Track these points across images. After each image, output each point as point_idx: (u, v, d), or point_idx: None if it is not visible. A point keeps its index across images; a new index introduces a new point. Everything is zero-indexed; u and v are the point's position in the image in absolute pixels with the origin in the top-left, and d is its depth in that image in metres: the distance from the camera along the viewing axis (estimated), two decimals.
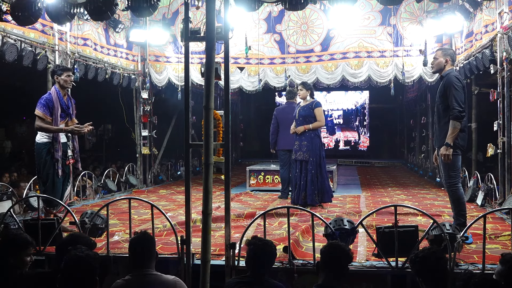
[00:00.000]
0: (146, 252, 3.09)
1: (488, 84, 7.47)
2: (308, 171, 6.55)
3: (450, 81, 4.51)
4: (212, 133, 3.72)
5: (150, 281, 3.00)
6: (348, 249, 3.06)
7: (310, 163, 6.54)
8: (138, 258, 3.08)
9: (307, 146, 6.60)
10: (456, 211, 4.64)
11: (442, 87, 4.60)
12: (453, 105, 4.44)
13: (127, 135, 10.10)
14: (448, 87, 4.51)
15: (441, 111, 4.64)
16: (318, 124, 6.66)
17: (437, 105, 4.71)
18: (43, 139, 5.24)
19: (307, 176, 6.55)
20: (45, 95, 5.26)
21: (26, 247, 3.14)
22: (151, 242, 3.19)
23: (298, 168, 6.68)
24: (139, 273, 3.03)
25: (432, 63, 4.80)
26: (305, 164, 6.59)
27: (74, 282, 2.56)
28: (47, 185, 5.23)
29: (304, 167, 6.60)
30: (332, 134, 18.65)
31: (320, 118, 6.67)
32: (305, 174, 6.58)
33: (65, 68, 5.48)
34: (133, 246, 3.14)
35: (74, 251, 2.65)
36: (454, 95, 4.44)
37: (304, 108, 6.70)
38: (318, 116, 6.65)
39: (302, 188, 6.59)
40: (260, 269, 3.12)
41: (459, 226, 4.28)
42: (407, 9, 8.64)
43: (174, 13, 9.27)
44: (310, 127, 6.61)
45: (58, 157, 5.24)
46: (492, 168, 8.06)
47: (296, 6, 5.66)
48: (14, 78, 10.41)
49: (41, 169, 5.23)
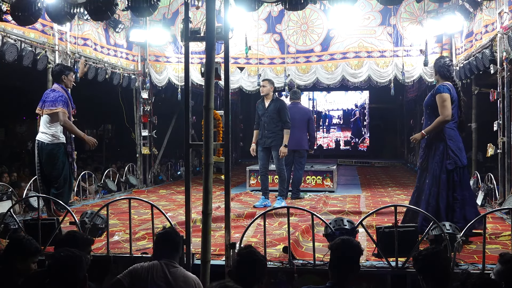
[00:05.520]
0: (174, 246, 3.25)
1: (488, 84, 7.47)
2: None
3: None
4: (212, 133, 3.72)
5: (175, 273, 3.10)
6: (359, 243, 3.02)
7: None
8: (166, 250, 3.20)
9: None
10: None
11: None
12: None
13: (127, 135, 10.10)
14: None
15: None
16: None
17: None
18: (56, 140, 5.15)
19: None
20: (55, 93, 5.16)
21: (35, 255, 3.15)
22: (180, 239, 3.38)
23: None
24: (167, 263, 3.13)
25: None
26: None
27: (60, 281, 2.58)
28: (65, 187, 5.18)
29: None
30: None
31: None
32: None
33: (71, 68, 5.51)
34: (163, 238, 3.26)
35: (58, 251, 2.68)
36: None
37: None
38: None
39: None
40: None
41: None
42: (407, 9, 8.63)
43: (174, 13, 9.27)
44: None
45: (73, 156, 5.24)
46: (492, 168, 8.06)
47: (296, 6, 5.66)
48: (14, 78, 10.41)
49: (57, 171, 5.11)
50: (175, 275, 3.08)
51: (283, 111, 6.89)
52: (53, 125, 5.16)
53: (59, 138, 5.17)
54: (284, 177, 7.13)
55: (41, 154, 5.21)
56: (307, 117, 7.69)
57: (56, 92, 5.18)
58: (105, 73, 8.30)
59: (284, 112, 6.89)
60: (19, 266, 3.03)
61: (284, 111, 6.89)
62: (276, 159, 6.95)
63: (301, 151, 7.54)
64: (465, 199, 4.58)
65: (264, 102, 7.05)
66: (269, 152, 7.05)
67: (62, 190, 5.17)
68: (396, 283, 3.82)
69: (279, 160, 6.94)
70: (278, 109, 6.89)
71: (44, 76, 6.87)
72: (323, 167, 9.20)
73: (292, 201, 7.41)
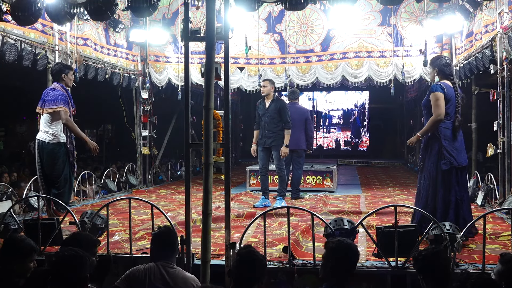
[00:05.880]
0: (170, 245, 3.21)
1: (488, 84, 7.47)
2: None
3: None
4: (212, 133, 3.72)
5: (173, 273, 3.08)
6: (356, 246, 3.00)
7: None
8: (161, 251, 3.16)
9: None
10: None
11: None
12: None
13: (127, 135, 10.10)
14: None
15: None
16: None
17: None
18: (57, 139, 5.12)
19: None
20: (55, 91, 5.07)
21: (31, 254, 3.10)
22: (175, 237, 3.30)
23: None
24: (163, 264, 3.10)
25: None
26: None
27: (61, 280, 2.57)
28: (65, 187, 5.15)
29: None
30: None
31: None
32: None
33: (71, 67, 5.48)
34: (158, 238, 3.23)
35: (61, 251, 2.67)
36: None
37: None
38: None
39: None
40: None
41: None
42: (407, 9, 8.64)
43: (174, 13, 9.27)
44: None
45: (74, 156, 5.23)
46: (492, 168, 8.06)
47: (296, 6, 5.67)
48: (14, 78, 10.41)
49: (58, 171, 5.07)
50: (174, 276, 3.07)
51: (283, 111, 6.90)
52: (54, 124, 5.12)
53: (59, 137, 5.12)
54: (284, 177, 7.14)
55: (42, 153, 5.16)
56: (305, 117, 7.70)
57: (56, 91, 5.14)
58: (105, 73, 8.30)
59: (285, 112, 6.89)
60: (17, 267, 3.01)
61: (285, 111, 6.90)
62: (277, 159, 6.95)
63: (299, 151, 7.54)
64: (460, 201, 4.52)
65: (264, 102, 7.05)
66: (270, 152, 7.05)
67: (63, 190, 5.13)
68: (396, 283, 3.82)
69: (279, 160, 6.95)
70: (279, 109, 6.89)
71: (44, 76, 6.87)
72: (323, 167, 9.20)
73: (292, 201, 7.42)
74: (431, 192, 4.57)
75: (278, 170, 7.06)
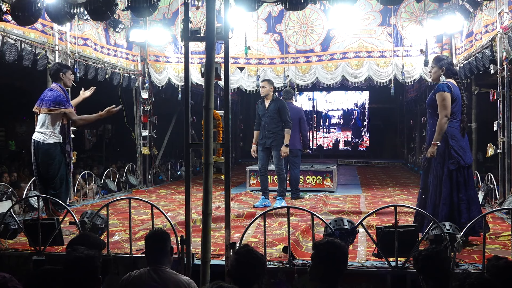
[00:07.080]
0: (160, 248, 3.15)
1: (488, 84, 7.48)
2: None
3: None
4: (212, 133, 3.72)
5: (165, 278, 3.04)
6: (345, 246, 2.92)
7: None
8: (152, 254, 3.13)
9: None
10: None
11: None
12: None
13: (127, 135, 10.09)
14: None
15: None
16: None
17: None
18: (52, 139, 5.04)
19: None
20: (53, 92, 5.00)
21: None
22: (165, 239, 3.23)
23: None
24: (155, 268, 3.07)
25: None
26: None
27: (75, 282, 2.55)
28: (62, 187, 5.12)
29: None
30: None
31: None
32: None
33: (69, 67, 5.46)
34: (148, 242, 3.19)
35: (73, 252, 2.64)
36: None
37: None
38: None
39: None
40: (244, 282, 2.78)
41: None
42: (407, 9, 8.64)
43: (174, 13, 9.27)
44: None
45: (71, 156, 5.20)
46: (492, 168, 8.07)
47: (296, 6, 5.66)
48: (14, 78, 10.41)
49: (53, 171, 5.02)
50: (165, 279, 3.02)
51: (283, 110, 6.90)
52: (51, 125, 5.05)
53: (55, 137, 5.06)
54: (284, 177, 7.14)
55: (37, 154, 5.09)
56: (299, 116, 7.67)
57: (54, 92, 5.08)
58: (105, 73, 8.30)
59: (285, 112, 6.89)
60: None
61: (285, 111, 6.90)
62: (276, 159, 6.95)
63: (294, 150, 7.50)
64: (470, 199, 4.51)
65: (264, 102, 7.06)
66: (269, 152, 7.05)
67: (60, 191, 5.10)
68: (396, 283, 3.82)
69: (279, 160, 6.95)
70: (278, 109, 6.90)
71: (44, 76, 6.87)
72: (323, 167, 9.20)
73: (292, 201, 7.41)
74: (438, 192, 4.53)
75: (278, 170, 7.06)
